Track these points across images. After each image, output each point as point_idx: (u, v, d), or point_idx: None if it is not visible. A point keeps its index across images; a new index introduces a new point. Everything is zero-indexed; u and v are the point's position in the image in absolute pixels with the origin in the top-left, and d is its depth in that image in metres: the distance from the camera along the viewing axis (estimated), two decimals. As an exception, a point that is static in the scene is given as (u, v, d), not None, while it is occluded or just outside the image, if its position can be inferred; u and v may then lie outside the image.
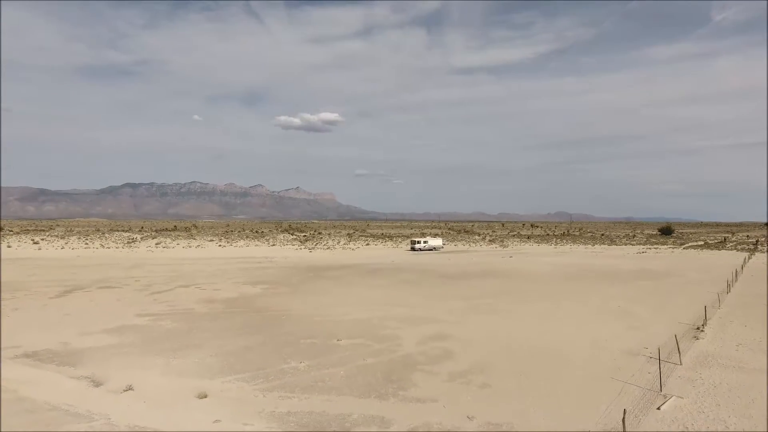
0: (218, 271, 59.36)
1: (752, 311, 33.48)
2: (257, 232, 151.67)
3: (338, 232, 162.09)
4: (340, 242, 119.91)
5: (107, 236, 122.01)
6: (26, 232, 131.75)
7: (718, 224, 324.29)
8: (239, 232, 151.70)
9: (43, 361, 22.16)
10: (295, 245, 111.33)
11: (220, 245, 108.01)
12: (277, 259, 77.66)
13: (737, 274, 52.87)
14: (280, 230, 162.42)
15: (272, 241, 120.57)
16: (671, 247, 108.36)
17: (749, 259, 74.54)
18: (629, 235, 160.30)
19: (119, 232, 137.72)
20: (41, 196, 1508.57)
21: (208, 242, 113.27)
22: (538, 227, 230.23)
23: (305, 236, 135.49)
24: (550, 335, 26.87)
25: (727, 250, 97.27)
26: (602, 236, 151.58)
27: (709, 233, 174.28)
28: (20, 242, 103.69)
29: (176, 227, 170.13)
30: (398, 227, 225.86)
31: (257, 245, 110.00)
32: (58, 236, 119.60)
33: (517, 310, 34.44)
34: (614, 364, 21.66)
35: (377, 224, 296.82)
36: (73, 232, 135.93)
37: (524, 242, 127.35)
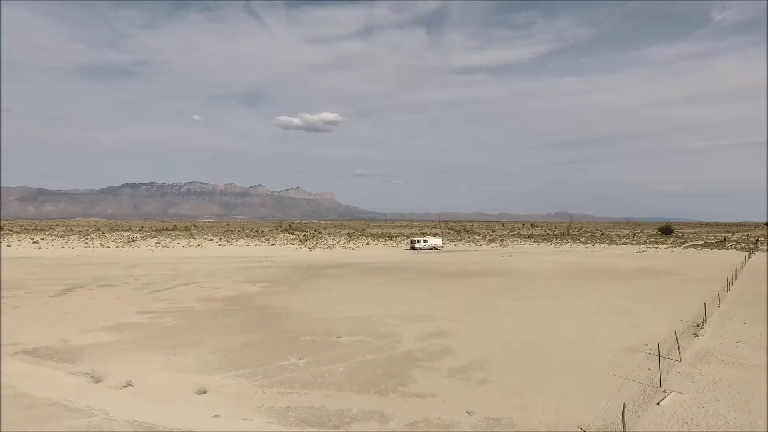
0: (218, 270, 59.38)
1: (752, 309, 33.47)
2: (257, 231, 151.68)
3: (338, 231, 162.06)
4: (339, 241, 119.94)
5: (107, 236, 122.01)
6: (26, 231, 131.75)
7: (718, 224, 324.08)
8: (239, 231, 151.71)
9: (42, 357, 22.16)
10: (295, 245, 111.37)
11: (220, 245, 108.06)
12: (276, 258, 77.67)
13: (737, 272, 52.87)
14: (280, 230, 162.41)
15: (272, 240, 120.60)
16: (671, 246, 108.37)
17: (749, 258, 74.55)
18: (629, 234, 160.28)
19: (119, 231, 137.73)
20: (41, 196, 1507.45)
21: (208, 242, 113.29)
22: (538, 227, 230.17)
23: (305, 236, 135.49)
24: (549, 332, 26.87)
25: (726, 249, 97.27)
26: (602, 236, 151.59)
27: (709, 233, 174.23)
28: (20, 241, 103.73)
29: (176, 227, 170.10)
30: (398, 227, 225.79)
31: (257, 245, 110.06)
32: (58, 236, 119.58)
33: (517, 307, 34.45)
34: (614, 360, 21.66)
35: (377, 224, 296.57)
36: (73, 231, 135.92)
37: (524, 242, 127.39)
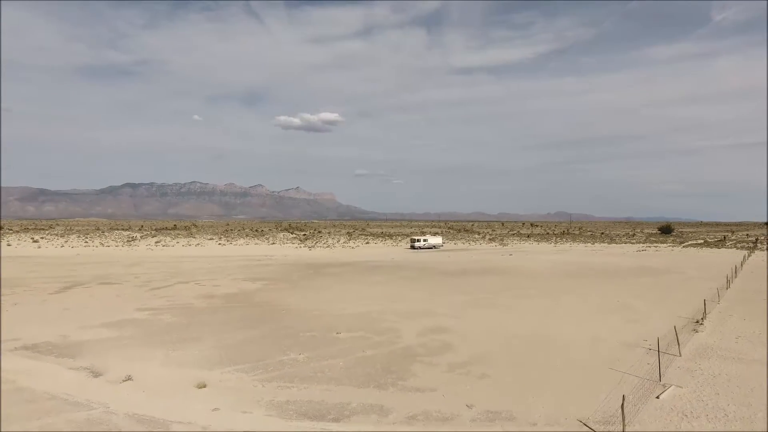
0: (218, 268, 59.39)
1: (752, 306, 33.47)
2: (257, 231, 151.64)
3: (338, 231, 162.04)
4: (339, 241, 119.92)
5: (107, 235, 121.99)
6: (26, 231, 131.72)
7: (718, 224, 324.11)
8: (239, 231, 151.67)
9: (42, 353, 22.16)
10: (294, 244, 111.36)
11: (219, 244, 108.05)
12: (276, 257, 77.67)
13: (737, 270, 52.88)
14: (279, 229, 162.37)
15: (272, 239, 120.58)
16: (671, 245, 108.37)
17: (749, 256, 74.56)
18: (629, 234, 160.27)
19: (119, 231, 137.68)
20: (41, 196, 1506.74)
21: (207, 241, 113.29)
22: (537, 226, 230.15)
23: (305, 235, 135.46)
24: (549, 329, 26.88)
25: (726, 248, 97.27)
26: (602, 235, 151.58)
27: (708, 232, 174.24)
28: (20, 241, 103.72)
29: (176, 226, 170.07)
30: (398, 226, 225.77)
31: (257, 244, 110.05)
32: (57, 235, 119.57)
33: (516, 305, 34.45)
34: (613, 355, 21.67)
35: (377, 224, 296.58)
36: (72, 231, 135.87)
37: (524, 241, 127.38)
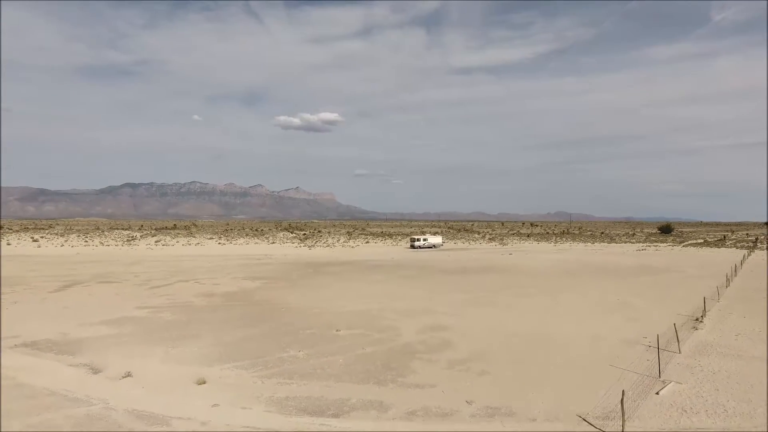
0: (217, 267, 59.39)
1: (751, 304, 33.47)
2: (257, 230, 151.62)
3: (338, 230, 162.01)
4: (339, 240, 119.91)
5: (107, 234, 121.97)
6: (26, 230, 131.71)
7: (717, 224, 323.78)
8: (239, 230, 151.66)
9: (41, 350, 22.15)
10: (294, 243, 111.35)
11: (219, 243, 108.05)
12: (276, 256, 77.68)
13: (736, 269, 52.89)
14: (279, 229, 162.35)
15: (272, 239, 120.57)
16: (671, 244, 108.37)
17: (749, 255, 74.55)
18: (629, 233, 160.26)
19: (119, 230, 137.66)
20: (41, 196, 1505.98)
21: (207, 240, 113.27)
22: (537, 226, 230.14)
23: (305, 234, 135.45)
24: (549, 326, 26.88)
25: (726, 247, 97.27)
26: (602, 235, 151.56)
27: (708, 232, 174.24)
28: (20, 240, 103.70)
29: (176, 226, 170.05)
30: (398, 226, 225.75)
31: (257, 243, 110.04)
32: (57, 234, 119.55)
33: (516, 303, 34.45)
34: (613, 352, 21.66)
35: (377, 223, 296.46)
36: (72, 230, 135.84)
37: (524, 240, 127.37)
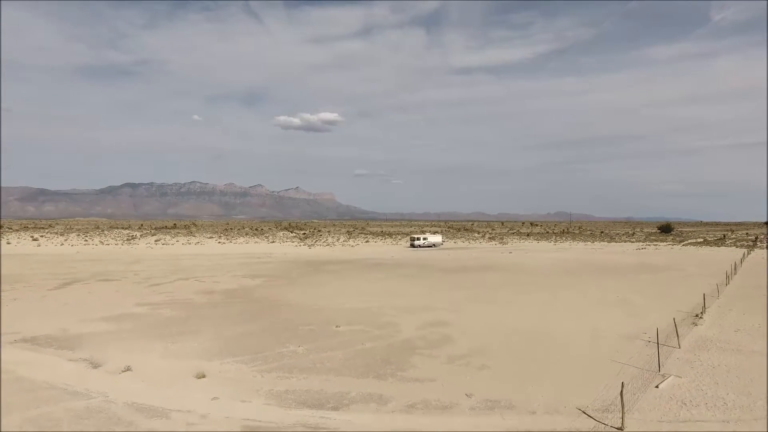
0: (217, 265, 59.40)
1: (751, 301, 33.49)
2: (257, 229, 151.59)
3: (338, 230, 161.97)
4: (339, 239, 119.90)
5: (107, 234, 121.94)
6: (25, 229, 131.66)
7: (717, 223, 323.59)
8: (239, 229, 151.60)
9: (41, 345, 22.15)
10: (294, 242, 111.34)
11: (219, 242, 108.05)
12: (276, 254, 77.70)
13: (736, 267, 52.90)
14: (279, 228, 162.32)
15: (272, 238, 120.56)
16: (671, 244, 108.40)
17: (748, 254, 74.57)
18: (629, 233, 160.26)
19: (119, 229, 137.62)
20: (41, 196, 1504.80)
21: (207, 239, 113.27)
22: (537, 226, 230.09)
23: (305, 234, 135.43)
24: (549, 322, 26.89)
25: (726, 246, 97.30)
26: (602, 234, 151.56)
27: (708, 231, 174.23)
28: (19, 239, 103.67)
29: (176, 225, 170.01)
30: (398, 226, 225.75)
31: (257, 242, 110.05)
32: (57, 233, 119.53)
33: (516, 300, 34.46)
34: (613, 348, 21.67)
35: (377, 223, 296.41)
36: (72, 229, 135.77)
37: (524, 239, 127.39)
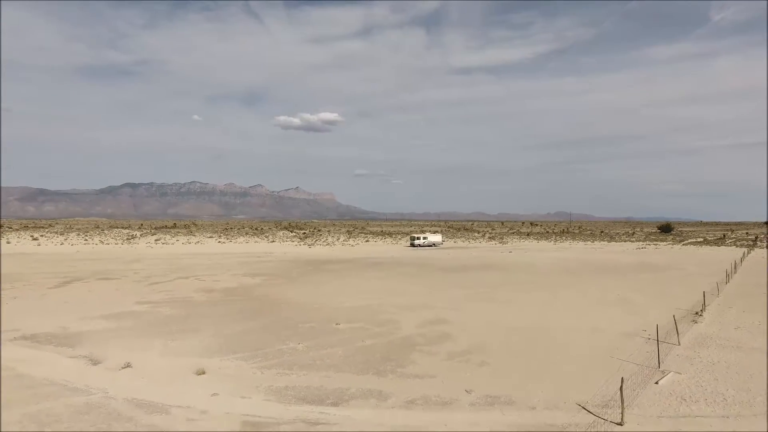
0: (217, 264, 59.39)
1: (751, 299, 33.48)
2: (257, 229, 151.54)
3: (338, 229, 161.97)
4: (339, 239, 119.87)
5: (107, 233, 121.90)
6: (25, 228, 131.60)
7: (717, 223, 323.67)
8: (239, 229, 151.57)
9: (41, 342, 22.16)
10: (294, 242, 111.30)
11: (219, 242, 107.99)
12: (276, 254, 77.68)
13: (736, 266, 52.88)
14: (279, 228, 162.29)
15: (272, 237, 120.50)
16: (670, 243, 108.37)
17: (748, 253, 74.57)
18: (629, 232, 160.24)
19: (119, 229, 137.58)
20: (41, 196, 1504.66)
21: (207, 239, 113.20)
22: (537, 225, 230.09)
23: (305, 233, 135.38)
24: (548, 320, 26.89)
25: (726, 246, 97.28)
26: (602, 234, 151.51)
27: (708, 231, 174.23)
28: (19, 238, 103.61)
29: (176, 225, 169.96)
30: (398, 225, 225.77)
31: (257, 242, 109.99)
32: (57, 233, 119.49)
33: (516, 298, 34.46)
34: (612, 345, 21.67)
35: (377, 223, 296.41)
36: (72, 229, 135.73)
37: (524, 239, 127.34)
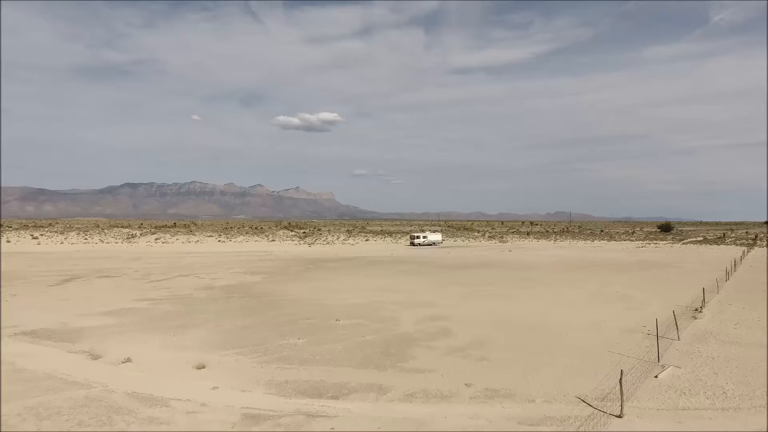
0: (217, 262, 59.40)
1: (751, 296, 33.51)
2: (256, 228, 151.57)
3: (337, 229, 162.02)
4: (339, 238, 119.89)
5: (106, 232, 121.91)
6: (25, 228, 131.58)
7: (717, 223, 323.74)
8: (238, 228, 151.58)
9: (41, 338, 22.16)
10: (294, 241, 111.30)
11: (219, 241, 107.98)
12: (276, 252, 77.70)
13: (736, 264, 52.90)
14: (279, 227, 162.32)
15: (272, 237, 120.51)
16: (670, 242, 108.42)
17: (748, 252, 74.61)
18: (628, 231, 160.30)
19: (119, 228, 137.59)
20: (40, 195, 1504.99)
21: (207, 238, 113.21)
22: (537, 225, 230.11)
23: (305, 233, 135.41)
24: (548, 316, 26.92)
25: (726, 245, 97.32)
26: (601, 233, 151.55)
27: (708, 230, 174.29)
28: (19, 237, 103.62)
29: (176, 224, 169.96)
30: (398, 225, 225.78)
31: (257, 241, 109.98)
32: (57, 232, 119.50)
33: (515, 295, 34.48)
34: (612, 340, 21.69)
35: (377, 222, 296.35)
36: (72, 228, 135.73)
37: (523, 238, 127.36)
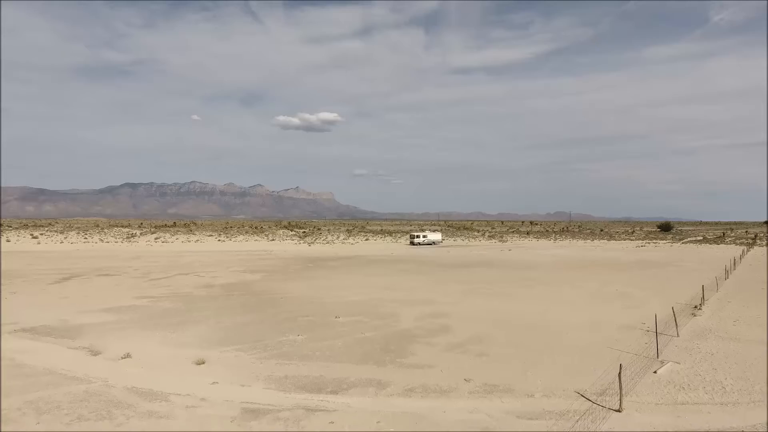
0: (217, 261, 59.43)
1: (751, 294, 33.54)
2: (256, 228, 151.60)
3: (337, 228, 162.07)
4: (339, 237, 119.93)
5: (106, 232, 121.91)
6: (25, 227, 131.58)
7: (717, 223, 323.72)
8: (238, 228, 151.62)
9: (41, 334, 22.18)
10: (294, 240, 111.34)
11: (219, 240, 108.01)
12: (276, 251, 77.73)
13: (735, 262, 52.94)
14: (279, 227, 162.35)
15: (271, 236, 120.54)
16: (670, 242, 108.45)
17: (748, 251, 74.66)
18: (628, 231, 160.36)
19: (118, 228, 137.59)
20: (40, 195, 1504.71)
21: (207, 237, 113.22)
22: (537, 224, 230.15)
23: (304, 232, 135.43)
24: (548, 313, 26.94)
25: (726, 244, 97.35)
26: (601, 232, 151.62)
27: (708, 230, 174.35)
28: (19, 237, 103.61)
29: (175, 224, 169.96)
30: (398, 224, 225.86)
31: (256, 240, 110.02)
32: (57, 231, 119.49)
33: (515, 293, 34.51)
34: (611, 336, 21.71)
35: (377, 222, 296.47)
36: (72, 228, 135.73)
37: (523, 238, 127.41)
